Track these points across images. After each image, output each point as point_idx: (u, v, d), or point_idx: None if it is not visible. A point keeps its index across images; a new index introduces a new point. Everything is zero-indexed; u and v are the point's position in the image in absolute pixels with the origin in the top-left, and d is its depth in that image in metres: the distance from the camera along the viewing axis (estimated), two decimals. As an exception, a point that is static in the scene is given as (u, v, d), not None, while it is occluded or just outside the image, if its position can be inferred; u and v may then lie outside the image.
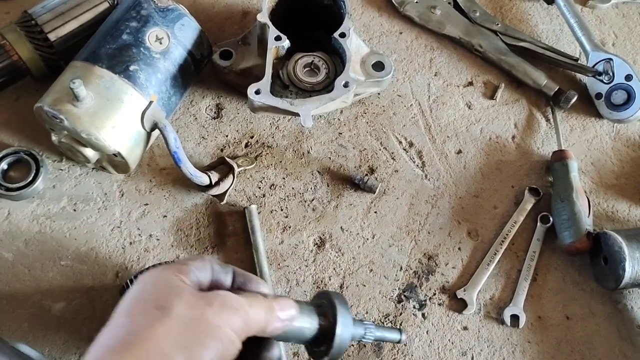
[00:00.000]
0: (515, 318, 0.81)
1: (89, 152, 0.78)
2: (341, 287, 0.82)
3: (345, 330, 0.56)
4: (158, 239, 0.82)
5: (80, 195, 0.84)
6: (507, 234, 0.86)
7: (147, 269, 0.62)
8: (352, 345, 0.77)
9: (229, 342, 0.47)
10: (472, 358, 0.79)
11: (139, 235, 0.82)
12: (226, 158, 0.84)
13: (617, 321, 0.82)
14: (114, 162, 0.81)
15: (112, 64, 0.77)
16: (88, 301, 0.78)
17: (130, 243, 0.82)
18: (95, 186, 0.85)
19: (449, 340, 0.80)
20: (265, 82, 0.81)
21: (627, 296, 0.84)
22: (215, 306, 0.47)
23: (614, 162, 0.93)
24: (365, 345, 0.77)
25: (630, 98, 0.91)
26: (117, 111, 0.76)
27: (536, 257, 0.85)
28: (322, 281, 0.82)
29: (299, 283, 0.82)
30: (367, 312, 0.81)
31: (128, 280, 0.71)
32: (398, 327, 0.75)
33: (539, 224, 0.86)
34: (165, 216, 0.84)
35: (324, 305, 0.58)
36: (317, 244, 0.84)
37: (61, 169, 0.85)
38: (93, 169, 0.85)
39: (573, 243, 0.82)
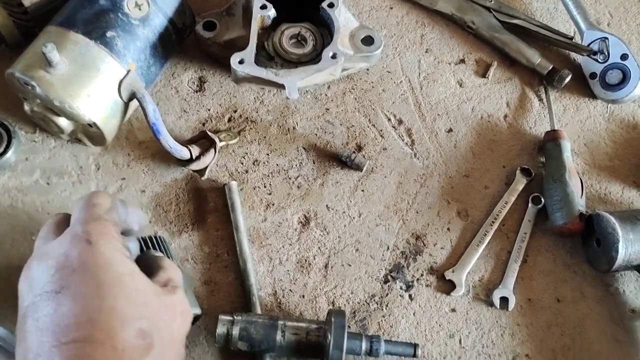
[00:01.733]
0: (504, 300, 0.79)
1: (63, 122, 0.74)
2: (326, 266, 0.79)
3: (336, 346, 0.66)
4: (135, 215, 0.79)
5: (55, 168, 0.80)
6: (497, 215, 0.83)
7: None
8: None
9: None
10: (460, 340, 0.77)
11: (116, 210, 0.79)
12: (208, 132, 0.81)
13: (609, 304, 0.80)
14: (90, 134, 0.77)
15: (88, 29, 0.74)
16: (60, 278, 0.74)
17: (106, 218, 0.78)
18: (70, 159, 0.81)
19: (436, 322, 0.78)
20: (250, 52, 0.77)
21: (619, 279, 0.81)
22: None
23: (607, 143, 0.90)
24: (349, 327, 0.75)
25: (625, 78, 0.88)
26: (92, 79, 0.72)
27: (527, 238, 0.82)
28: (306, 260, 0.79)
29: (281, 262, 0.79)
30: (352, 293, 0.78)
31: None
32: (413, 342, 0.72)
33: (530, 204, 0.84)
34: (144, 191, 0.80)
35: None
36: (301, 222, 0.81)
37: (34, 141, 0.82)
38: (68, 141, 0.81)
39: (565, 224, 0.79)
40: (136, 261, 0.55)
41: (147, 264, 0.57)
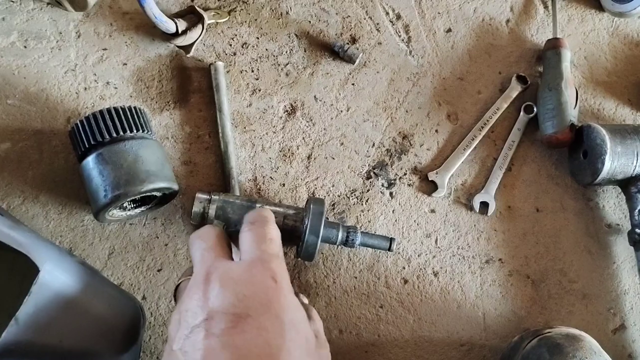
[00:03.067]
0: (484, 205, 0.78)
1: (41, -21, 0.70)
2: (309, 157, 0.78)
3: (312, 232, 0.65)
4: (116, 87, 0.76)
5: (32, 32, 0.76)
6: (487, 120, 0.82)
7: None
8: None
9: None
10: (436, 241, 0.77)
11: (95, 81, 0.75)
12: (196, 7, 0.77)
13: (587, 218, 0.80)
14: (70, -4, 0.73)
15: None
16: (35, 144, 0.72)
17: (85, 88, 0.75)
18: (49, 23, 0.77)
19: (414, 221, 0.77)
20: None
21: (600, 194, 0.81)
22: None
23: (607, 58, 0.88)
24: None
25: (636, -10, 0.85)
26: None
27: (514, 146, 0.81)
28: (289, 149, 0.77)
29: (264, 149, 0.77)
30: (333, 186, 0.77)
31: (78, 121, 0.65)
32: (389, 236, 0.72)
33: (522, 113, 0.82)
34: (125, 64, 0.77)
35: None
36: (287, 110, 0.79)
37: (12, 1, 0.77)
38: (48, 4, 0.77)
39: (555, 134, 0.78)
40: None
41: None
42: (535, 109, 0.82)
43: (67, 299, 0.51)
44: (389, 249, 0.72)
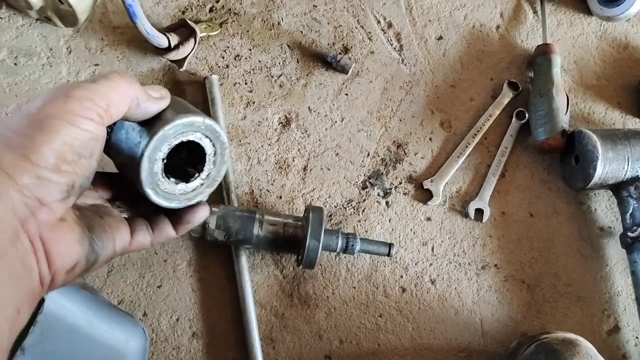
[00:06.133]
0: (479, 212, 0.79)
1: (32, -4, 0.69)
2: (305, 169, 0.78)
3: (313, 237, 0.66)
4: (109, 104, 0.75)
5: (22, 49, 0.75)
6: (480, 127, 0.82)
7: None
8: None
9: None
10: (433, 248, 0.78)
11: (88, 97, 0.75)
12: (188, 21, 0.76)
13: (579, 222, 0.81)
14: (61, 12, 0.72)
15: None
16: (30, 164, 0.71)
17: (78, 105, 0.74)
18: (39, 39, 0.76)
19: (410, 229, 0.78)
20: None
21: (592, 198, 0.83)
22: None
23: (596, 62, 0.89)
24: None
25: (623, -6, 0.86)
26: (64, -50, 0.66)
27: (507, 153, 0.82)
28: (284, 161, 0.78)
29: (260, 162, 0.77)
30: (329, 196, 0.77)
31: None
32: (388, 242, 0.73)
33: (514, 119, 0.83)
34: (118, 79, 0.76)
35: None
36: (282, 122, 0.79)
37: (0, 17, 0.76)
38: (37, 19, 0.76)
39: (546, 140, 0.79)
40: None
41: None
42: (527, 115, 0.82)
43: (72, 325, 0.51)
44: (388, 255, 0.73)
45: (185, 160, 0.50)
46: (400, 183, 0.80)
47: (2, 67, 0.74)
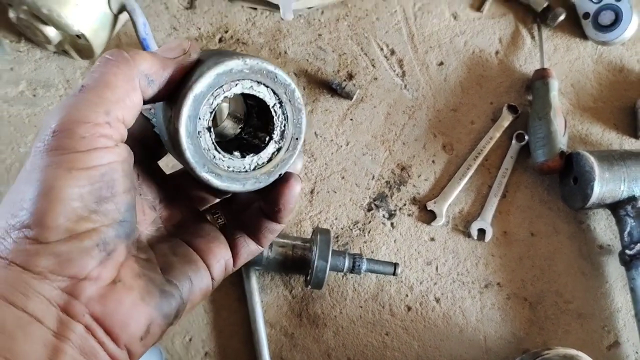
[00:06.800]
0: (482, 232, 0.82)
1: (51, 32, 0.72)
2: (312, 192, 0.81)
3: (321, 257, 0.68)
4: (124, 132, 0.78)
5: (41, 81, 0.79)
6: (481, 150, 0.85)
7: None
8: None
9: None
10: (437, 268, 0.80)
11: (104, 126, 0.78)
12: (199, 51, 0.79)
13: (579, 240, 0.84)
14: (78, 46, 0.76)
15: None
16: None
17: (94, 134, 0.78)
18: (56, 71, 0.79)
19: (415, 250, 0.81)
20: (245, -30, 0.75)
21: (591, 217, 0.85)
22: None
23: (593, 85, 0.92)
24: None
25: (617, 19, 0.89)
26: (81, -12, 0.70)
27: (508, 174, 0.85)
28: (292, 185, 0.80)
29: (269, 185, 0.80)
30: (336, 218, 0.80)
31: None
32: (394, 262, 0.76)
33: (514, 141, 0.86)
34: (132, 108, 0.80)
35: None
36: (289, 147, 0.82)
37: (20, 51, 0.79)
38: (55, 52, 0.79)
39: (545, 161, 0.82)
40: None
41: None
42: (526, 137, 0.85)
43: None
44: (394, 274, 0.75)
45: (256, 127, 0.40)
46: (405, 205, 0.82)
47: (22, 99, 0.77)
